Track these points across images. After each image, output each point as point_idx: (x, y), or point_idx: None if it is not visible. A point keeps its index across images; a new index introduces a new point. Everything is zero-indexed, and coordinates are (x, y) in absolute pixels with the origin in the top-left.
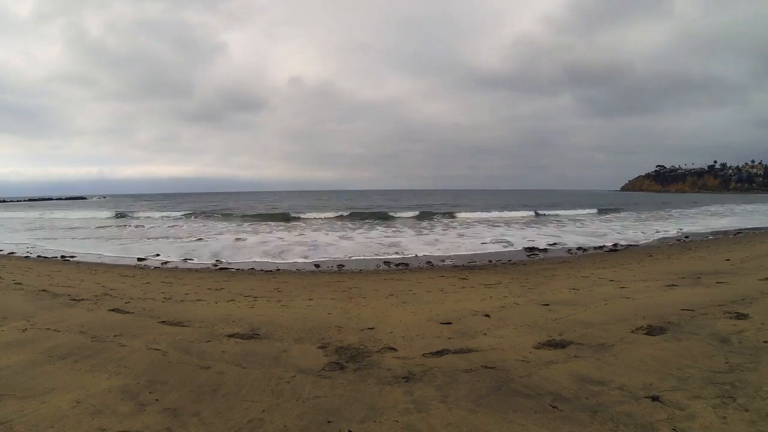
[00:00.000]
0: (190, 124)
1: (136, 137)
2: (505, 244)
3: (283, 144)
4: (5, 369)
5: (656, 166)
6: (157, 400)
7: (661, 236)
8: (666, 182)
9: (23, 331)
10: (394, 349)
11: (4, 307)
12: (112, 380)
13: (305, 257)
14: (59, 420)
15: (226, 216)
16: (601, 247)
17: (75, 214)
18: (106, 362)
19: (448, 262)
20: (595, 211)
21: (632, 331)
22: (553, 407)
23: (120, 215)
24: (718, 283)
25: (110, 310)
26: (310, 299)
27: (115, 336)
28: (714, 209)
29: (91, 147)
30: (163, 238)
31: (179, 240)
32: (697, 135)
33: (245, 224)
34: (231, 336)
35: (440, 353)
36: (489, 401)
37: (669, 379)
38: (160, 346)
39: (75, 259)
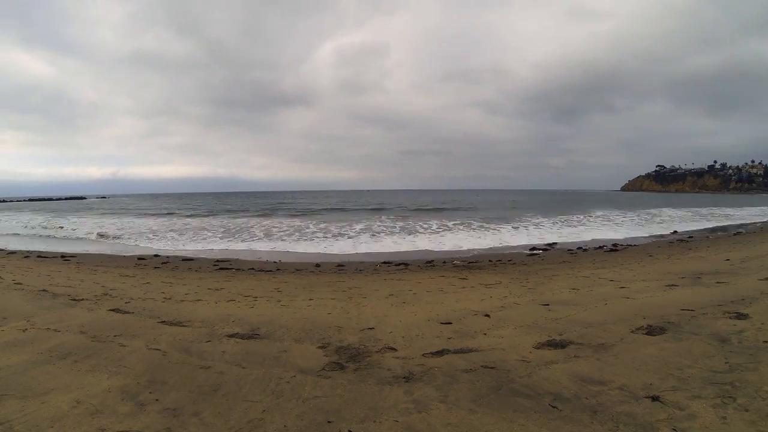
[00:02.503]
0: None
1: None
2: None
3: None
4: (5, 369)
5: (656, 166)
6: (157, 400)
7: None
8: (666, 182)
9: (23, 331)
10: (394, 349)
11: (4, 307)
12: (112, 380)
13: None
14: (59, 420)
15: None
16: (601, 247)
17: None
18: (106, 362)
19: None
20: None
21: (632, 331)
22: (553, 407)
23: None
24: (718, 283)
25: (110, 310)
26: (310, 299)
27: (115, 336)
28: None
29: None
30: None
31: None
32: None
33: None
34: (231, 336)
35: (440, 353)
36: (489, 401)
37: (669, 379)
38: (160, 346)
39: (75, 258)
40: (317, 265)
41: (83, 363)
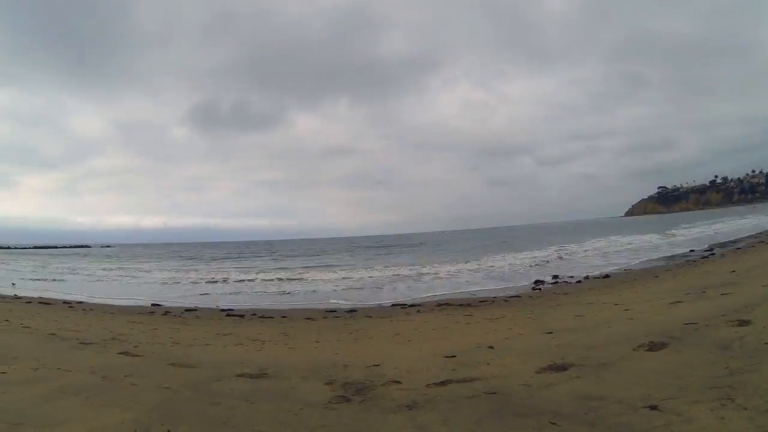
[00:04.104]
0: None
1: None
2: None
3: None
4: (20, 402)
5: (658, 188)
6: (168, 431)
7: None
8: (669, 203)
9: (34, 369)
10: (399, 382)
11: (15, 348)
12: (125, 414)
13: None
14: None
15: None
16: (607, 276)
17: None
18: (118, 399)
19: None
20: None
21: (634, 349)
22: (552, 423)
23: None
24: (722, 294)
25: (119, 353)
26: (317, 341)
27: (125, 376)
28: None
29: None
30: None
31: None
32: None
33: None
34: (240, 376)
35: (443, 383)
36: (489, 422)
37: (668, 389)
38: (171, 385)
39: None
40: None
41: (95, 399)
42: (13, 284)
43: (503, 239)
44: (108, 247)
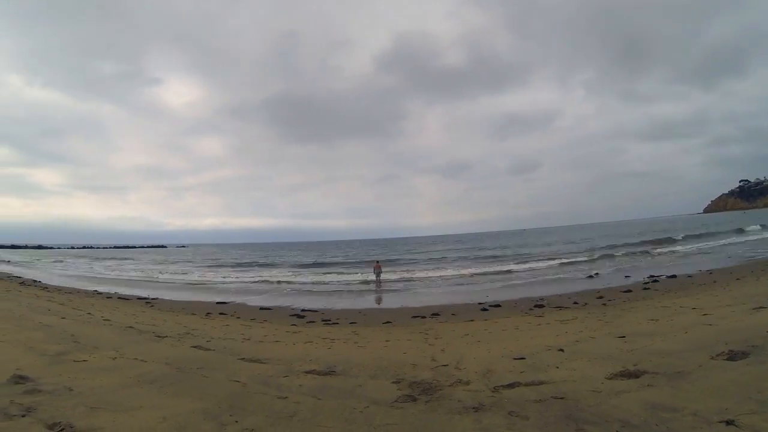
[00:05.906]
0: None
1: None
2: None
3: None
4: (98, 388)
5: (740, 181)
6: (236, 421)
7: None
8: (752, 198)
9: (113, 359)
10: (466, 383)
11: (96, 339)
12: (195, 403)
13: None
14: (147, 431)
15: None
16: (689, 276)
17: None
18: (190, 389)
19: None
20: None
21: (712, 358)
22: None
23: None
24: None
25: (192, 346)
26: (387, 340)
27: (197, 368)
28: None
29: None
30: None
31: None
32: None
33: None
34: (308, 372)
35: (511, 386)
36: (556, 428)
37: (747, 403)
38: (240, 378)
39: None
40: None
41: (169, 388)
42: None
43: None
44: (183, 247)
